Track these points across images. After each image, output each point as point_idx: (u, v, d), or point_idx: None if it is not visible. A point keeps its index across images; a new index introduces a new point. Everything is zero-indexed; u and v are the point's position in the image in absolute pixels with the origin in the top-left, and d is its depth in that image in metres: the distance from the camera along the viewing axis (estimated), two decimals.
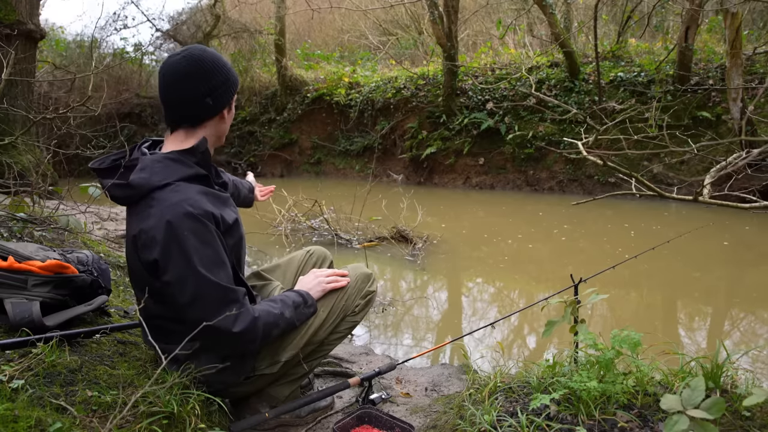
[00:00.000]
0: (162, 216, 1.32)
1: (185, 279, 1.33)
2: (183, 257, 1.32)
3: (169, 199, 1.34)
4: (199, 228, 1.34)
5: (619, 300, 3.70)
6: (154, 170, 1.38)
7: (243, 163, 11.08)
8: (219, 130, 1.53)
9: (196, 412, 1.36)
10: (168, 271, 1.34)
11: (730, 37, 6.27)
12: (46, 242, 2.63)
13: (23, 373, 1.27)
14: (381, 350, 2.82)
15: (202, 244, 1.34)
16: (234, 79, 1.51)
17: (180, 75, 1.40)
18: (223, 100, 1.47)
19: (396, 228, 5.04)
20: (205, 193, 1.42)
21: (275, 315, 1.49)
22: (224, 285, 1.37)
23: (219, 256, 1.38)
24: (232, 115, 1.56)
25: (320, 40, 14.74)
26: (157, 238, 1.32)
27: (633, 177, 3.46)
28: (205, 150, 1.46)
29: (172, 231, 1.31)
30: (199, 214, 1.34)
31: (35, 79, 6.67)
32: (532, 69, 8.82)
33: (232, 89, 1.50)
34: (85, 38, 12.11)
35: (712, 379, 1.36)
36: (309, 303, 1.60)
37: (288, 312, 1.53)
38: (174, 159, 1.42)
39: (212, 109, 1.46)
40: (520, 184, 8.47)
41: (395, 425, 1.62)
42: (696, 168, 7.02)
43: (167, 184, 1.37)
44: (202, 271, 1.33)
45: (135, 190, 1.38)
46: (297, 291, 1.63)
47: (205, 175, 1.46)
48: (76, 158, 4.32)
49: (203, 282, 1.34)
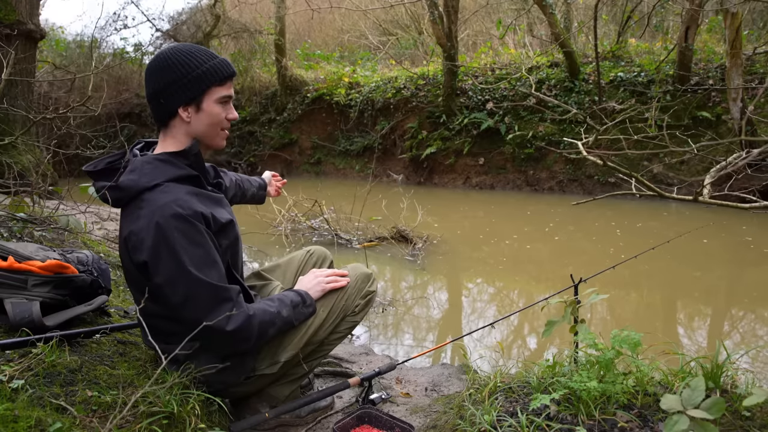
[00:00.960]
0: (151, 217, 1.32)
1: (176, 280, 1.33)
2: (173, 258, 1.32)
3: (158, 200, 1.34)
4: (188, 228, 1.34)
5: (619, 300, 3.70)
6: (143, 172, 1.38)
7: (243, 163, 11.08)
8: (191, 131, 1.44)
9: (196, 412, 1.36)
10: (158, 272, 1.34)
11: (730, 37, 6.27)
12: (46, 242, 2.63)
13: (23, 373, 1.27)
14: (381, 350, 2.82)
15: (192, 245, 1.34)
16: (194, 77, 1.38)
17: (146, 74, 1.44)
18: (173, 100, 1.39)
19: (396, 228, 5.04)
20: (195, 194, 1.41)
21: (271, 314, 1.48)
22: (215, 284, 1.36)
23: (209, 255, 1.37)
24: (207, 115, 1.43)
25: (320, 40, 14.74)
26: (146, 239, 1.32)
27: (633, 177, 3.46)
28: (197, 152, 1.46)
29: (161, 232, 1.31)
30: (188, 215, 1.34)
31: (35, 79, 6.67)
32: (532, 69, 8.81)
33: (189, 88, 1.39)
34: (85, 38, 12.12)
35: (712, 379, 1.36)
36: (308, 303, 1.59)
37: (285, 311, 1.52)
38: (163, 160, 1.42)
39: (166, 109, 1.42)
40: (520, 184, 8.47)
41: (395, 425, 1.62)
42: (696, 168, 7.02)
43: (156, 185, 1.37)
44: (193, 271, 1.33)
45: (124, 192, 1.38)
46: (296, 291, 1.62)
47: (196, 176, 1.45)
48: (76, 158, 4.32)
49: (194, 282, 1.33)
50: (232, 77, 1.47)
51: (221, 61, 1.44)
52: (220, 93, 1.44)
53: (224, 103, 1.46)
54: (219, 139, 1.50)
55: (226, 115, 1.47)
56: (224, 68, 1.43)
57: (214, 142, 1.49)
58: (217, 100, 1.44)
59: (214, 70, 1.41)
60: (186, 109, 1.42)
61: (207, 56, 1.43)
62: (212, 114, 1.44)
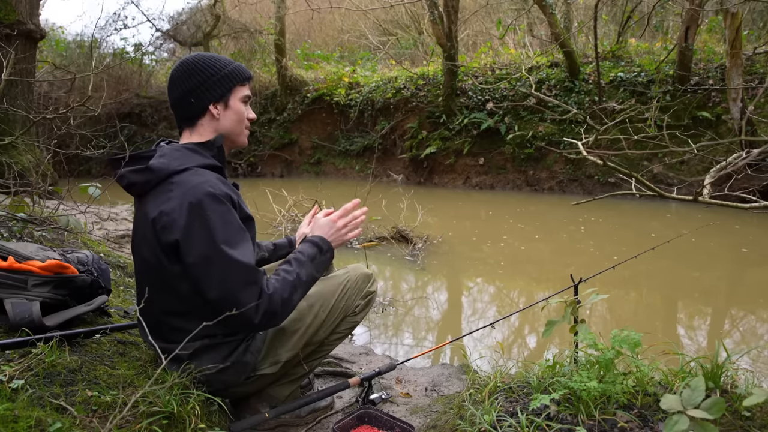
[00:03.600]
0: (183, 198, 1.35)
1: (209, 258, 1.34)
2: (207, 236, 1.34)
3: (190, 181, 1.38)
4: (221, 208, 1.37)
5: (619, 300, 3.70)
6: (173, 156, 1.45)
7: (243, 163, 11.08)
8: (220, 127, 1.53)
9: (196, 412, 1.36)
10: (191, 251, 1.35)
11: (730, 37, 6.27)
12: (46, 242, 2.63)
13: (23, 373, 1.27)
14: (381, 350, 2.82)
15: (225, 223, 1.36)
16: (221, 77, 1.50)
17: (172, 79, 1.53)
18: (204, 98, 1.49)
19: (396, 228, 5.04)
20: (222, 181, 1.46)
21: (290, 282, 1.44)
22: (247, 264, 1.36)
23: (241, 233, 1.40)
24: (234, 113, 1.54)
25: (320, 40, 14.75)
26: (179, 219, 1.34)
27: (633, 177, 3.46)
28: (221, 146, 1.52)
29: (194, 211, 1.34)
30: (221, 195, 1.38)
31: (35, 79, 6.67)
32: (532, 69, 8.82)
33: (218, 86, 1.50)
34: (85, 38, 12.13)
35: (712, 379, 1.36)
36: (324, 249, 1.56)
37: (305, 271, 1.49)
38: (191, 149, 1.48)
39: (197, 108, 1.51)
40: (520, 184, 8.47)
41: (395, 425, 1.62)
42: (696, 168, 7.02)
43: (186, 168, 1.42)
44: (226, 249, 1.34)
45: (154, 174, 1.42)
46: (311, 241, 1.57)
47: (219, 166, 1.51)
48: (76, 158, 4.33)
49: (227, 261, 1.34)
50: (251, 79, 1.60)
51: (240, 65, 1.58)
52: (244, 92, 1.56)
53: (246, 102, 1.58)
54: (243, 136, 1.60)
55: (247, 114, 1.58)
56: (244, 70, 1.57)
57: (239, 138, 1.59)
58: (241, 98, 1.55)
59: (237, 71, 1.54)
60: (216, 106, 1.51)
61: (228, 60, 1.56)
62: (238, 111, 1.55)
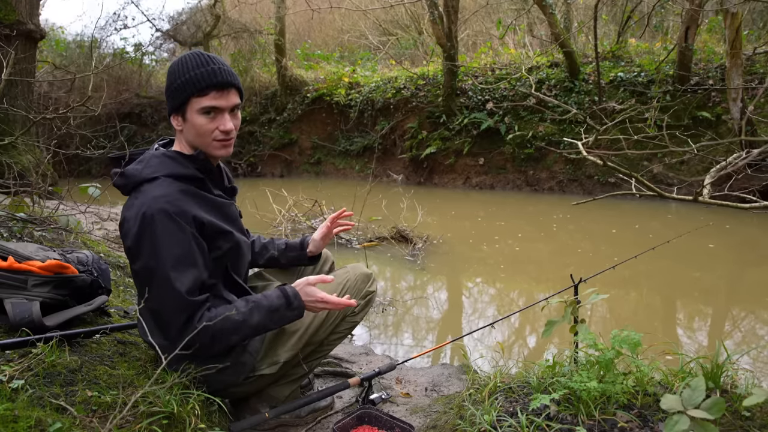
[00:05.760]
0: (140, 207, 1.36)
1: (151, 271, 1.35)
2: (151, 250, 1.35)
3: (151, 192, 1.37)
4: (171, 226, 1.35)
5: (619, 300, 3.70)
6: (149, 164, 1.43)
7: (243, 163, 11.08)
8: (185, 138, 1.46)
9: (196, 412, 1.36)
10: (137, 260, 1.38)
11: (730, 37, 6.26)
12: (46, 242, 2.63)
13: (23, 373, 1.27)
14: (381, 350, 2.82)
15: (171, 244, 1.34)
16: (175, 87, 1.39)
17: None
18: (168, 108, 1.45)
19: (396, 228, 5.04)
20: (192, 195, 1.42)
21: (234, 323, 1.39)
22: (179, 292, 1.33)
23: (188, 257, 1.36)
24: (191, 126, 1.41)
25: (320, 40, 14.75)
26: (133, 227, 1.36)
27: (633, 177, 3.46)
28: (204, 158, 1.46)
29: (145, 222, 1.34)
30: (175, 212, 1.35)
31: (35, 79, 6.67)
32: (532, 69, 8.82)
33: (173, 97, 1.40)
34: (85, 38, 12.13)
35: (712, 379, 1.36)
36: (294, 305, 1.46)
37: (257, 318, 1.42)
38: (171, 157, 1.45)
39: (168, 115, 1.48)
40: (520, 184, 8.47)
41: (395, 425, 1.62)
42: (696, 168, 7.02)
43: (155, 178, 1.40)
44: (165, 270, 1.33)
45: (128, 180, 1.43)
46: (285, 293, 1.47)
47: (200, 178, 1.46)
48: (76, 158, 4.33)
49: (164, 281, 1.34)
50: (219, 87, 1.37)
51: (205, 71, 1.36)
52: (202, 104, 1.37)
53: (208, 113, 1.39)
54: (212, 149, 1.44)
55: (216, 126, 1.40)
56: (205, 78, 1.36)
57: (208, 151, 1.44)
58: (198, 111, 1.38)
59: (193, 81, 1.36)
60: (176, 118, 1.44)
61: (194, 65, 1.37)
62: (196, 124, 1.40)
